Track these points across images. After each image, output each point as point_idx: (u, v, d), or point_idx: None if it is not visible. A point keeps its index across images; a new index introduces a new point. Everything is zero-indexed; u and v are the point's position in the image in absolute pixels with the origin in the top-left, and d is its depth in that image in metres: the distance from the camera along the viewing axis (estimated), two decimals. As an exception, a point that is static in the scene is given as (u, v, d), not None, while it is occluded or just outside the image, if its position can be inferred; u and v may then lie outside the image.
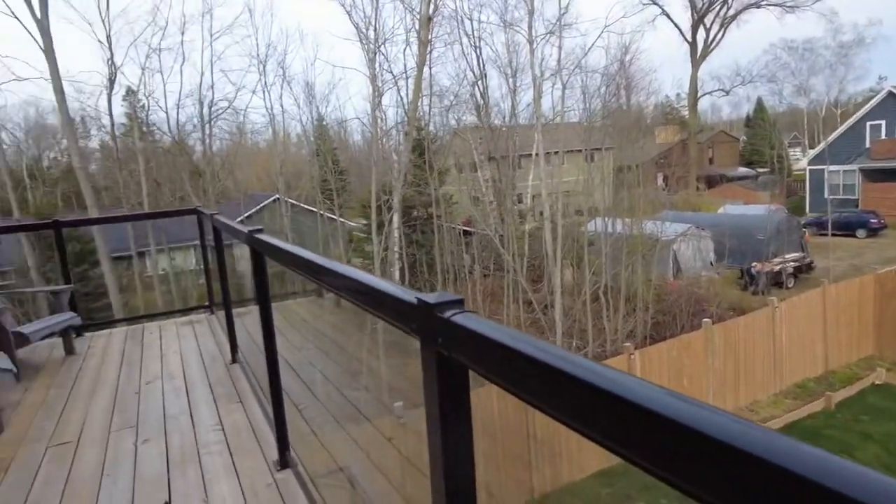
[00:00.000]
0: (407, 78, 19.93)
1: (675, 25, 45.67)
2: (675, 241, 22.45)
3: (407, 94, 19.74)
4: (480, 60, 20.56)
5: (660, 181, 39.12)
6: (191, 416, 3.47)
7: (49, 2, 14.65)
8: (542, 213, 22.68)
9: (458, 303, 0.91)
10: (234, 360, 4.36)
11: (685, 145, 45.56)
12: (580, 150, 23.93)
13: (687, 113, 50.01)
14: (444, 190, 23.99)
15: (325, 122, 24.85)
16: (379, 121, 18.95)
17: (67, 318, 4.83)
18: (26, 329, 4.43)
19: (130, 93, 22.66)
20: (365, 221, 27.37)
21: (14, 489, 2.72)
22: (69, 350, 4.92)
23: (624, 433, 0.59)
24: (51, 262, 17.88)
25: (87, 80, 25.24)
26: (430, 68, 20.77)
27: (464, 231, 24.36)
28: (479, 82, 20.88)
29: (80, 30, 34.98)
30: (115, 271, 18.25)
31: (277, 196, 27.90)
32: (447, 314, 0.88)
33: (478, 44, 20.41)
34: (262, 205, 25.19)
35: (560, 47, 20.28)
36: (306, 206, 23.77)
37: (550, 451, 10.42)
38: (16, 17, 14.22)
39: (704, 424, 0.49)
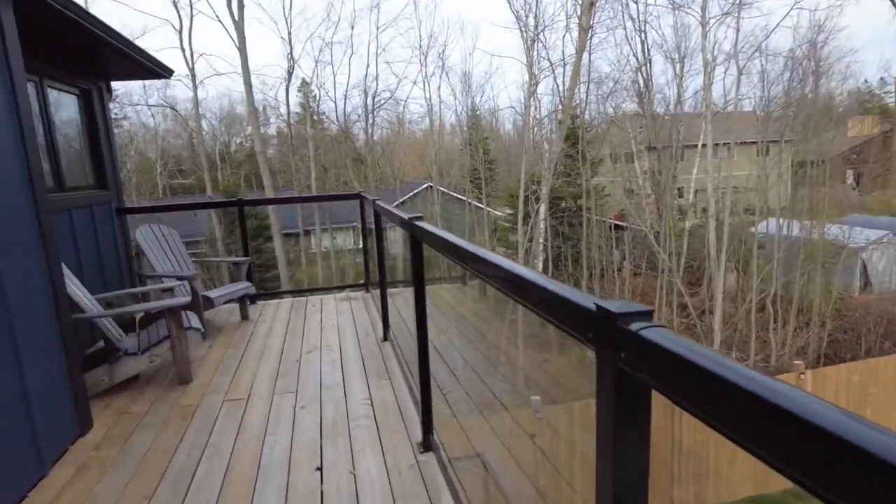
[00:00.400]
0: (564, 65, 19.46)
1: (885, -2, 39.13)
2: (866, 249, 19.47)
3: (563, 82, 19.26)
4: (645, 45, 19.38)
5: (849, 179, 34.28)
6: (344, 388, 3.67)
7: (245, 4, 16.49)
8: (705, 210, 20.96)
9: (647, 314, 0.81)
10: (385, 339, 4.55)
11: (886, 139, 39.15)
12: (754, 142, 21.60)
13: (894, 100, 42.89)
14: (596, 181, 23.11)
15: (478, 112, 25.18)
16: (532, 109, 18.70)
17: (244, 286, 5.38)
18: (212, 294, 5.01)
19: (304, 84, 24.78)
20: (510, 211, 27.41)
21: (198, 434, 3.09)
22: (244, 315, 5.49)
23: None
24: (232, 236, 20.28)
25: (270, 73, 28.05)
26: (590, 55, 20.04)
27: (615, 225, 23.35)
28: (643, 68, 19.70)
29: (267, 28, 39.09)
30: (285, 246, 20.18)
31: (430, 184, 28.95)
32: (634, 327, 0.78)
33: (643, 28, 19.24)
34: (415, 191, 26.24)
35: (737, 29, 18.39)
36: (455, 195, 24.32)
37: (697, 465, 9.65)
38: (219, 21, 16.30)
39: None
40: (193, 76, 15.94)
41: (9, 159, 3.09)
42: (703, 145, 19.73)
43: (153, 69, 5.76)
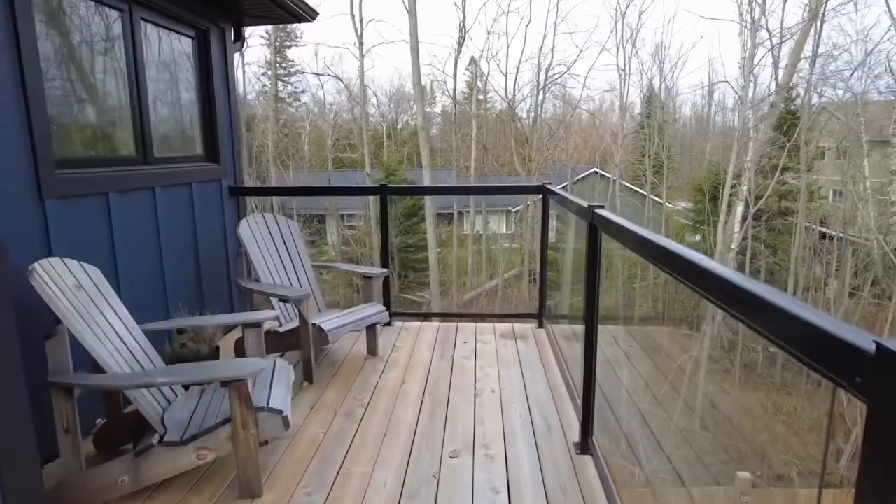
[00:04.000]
0: (783, 39, 15.54)
1: None
2: None
3: (778, 56, 15.46)
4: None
5: None
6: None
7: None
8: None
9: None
10: (583, 449, 2.66)
11: None
12: None
13: None
14: (813, 178, 18.81)
15: (657, 89, 21.72)
16: (746, 88, 15.29)
17: (375, 312, 3.80)
18: (329, 322, 3.48)
19: (473, 62, 23.33)
20: (684, 205, 23.74)
21: None
22: (371, 350, 3.94)
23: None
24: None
25: (439, 43, 26.96)
26: (821, 23, 15.85)
27: (823, 234, 19.00)
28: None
29: (439, -6, 38.09)
30: (437, 228, 19.07)
31: (595, 169, 26.20)
32: None
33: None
34: (581, 176, 23.75)
35: None
36: (630, 186, 21.42)
37: None
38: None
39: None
40: (361, 44, 15.13)
41: None
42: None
43: (294, 9, 4.37)
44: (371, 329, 3.89)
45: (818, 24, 15.36)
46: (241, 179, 4.65)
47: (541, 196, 4.48)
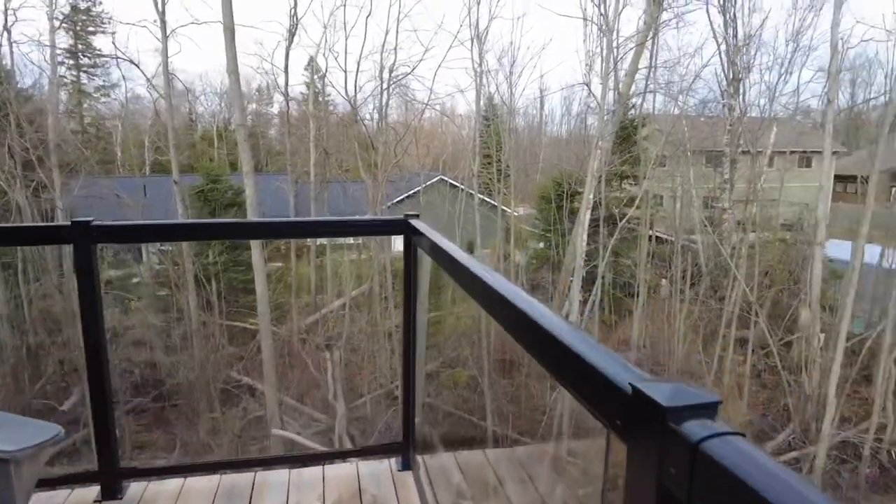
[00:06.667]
0: (619, 54, 15.65)
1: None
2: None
3: (615, 66, 15.58)
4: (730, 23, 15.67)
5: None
6: None
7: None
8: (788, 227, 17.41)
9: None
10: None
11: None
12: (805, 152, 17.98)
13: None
14: (648, 187, 19.53)
15: (504, 94, 21.34)
16: (590, 96, 15.09)
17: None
18: None
19: (311, 60, 21.26)
20: (530, 211, 23.85)
21: None
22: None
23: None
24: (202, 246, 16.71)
25: (265, 28, 24.29)
26: (654, 36, 16.18)
27: (657, 238, 19.92)
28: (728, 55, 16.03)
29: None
30: (266, 244, 16.63)
31: (442, 176, 25.45)
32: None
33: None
34: (428, 183, 22.74)
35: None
36: (477, 195, 20.70)
37: None
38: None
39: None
40: (164, 23, 12.37)
41: None
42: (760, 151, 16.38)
43: None
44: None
45: (655, 36, 15.70)
46: None
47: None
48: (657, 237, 20.36)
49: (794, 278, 16.93)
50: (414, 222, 1.96)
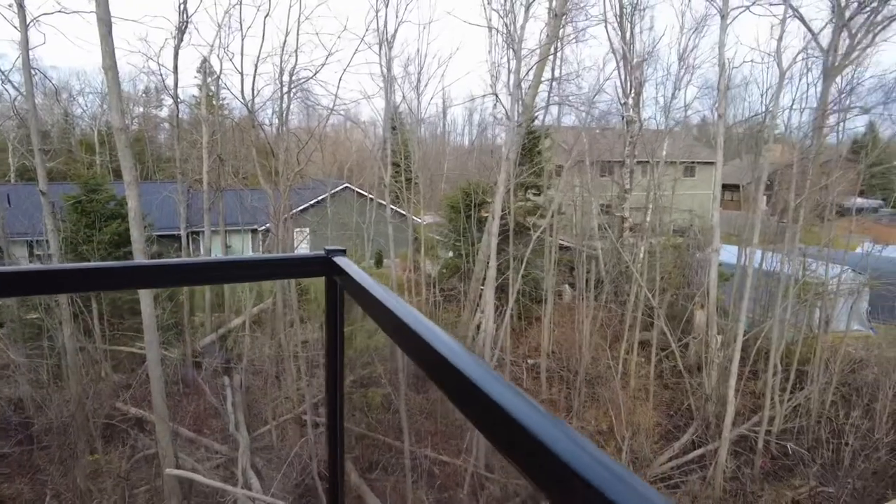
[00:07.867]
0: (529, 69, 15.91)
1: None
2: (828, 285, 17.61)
3: (517, 76, 15.78)
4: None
5: (763, 206, 33.95)
6: None
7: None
8: (681, 233, 18.40)
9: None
10: None
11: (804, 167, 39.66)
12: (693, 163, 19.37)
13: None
14: (551, 195, 20.00)
15: (401, 107, 21.06)
16: (496, 106, 15.09)
17: None
18: None
19: (205, 61, 19.84)
20: (437, 219, 23.77)
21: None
22: None
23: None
24: (86, 239, 14.92)
25: (149, 22, 22.42)
26: (559, 49, 16.60)
27: (560, 246, 20.44)
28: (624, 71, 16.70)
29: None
30: (157, 259, 15.14)
31: (347, 185, 24.78)
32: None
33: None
34: (334, 190, 21.92)
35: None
36: (386, 203, 20.20)
37: None
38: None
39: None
40: (22, 9, 10.80)
41: None
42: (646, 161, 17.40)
43: None
44: None
45: (559, 51, 16.04)
46: None
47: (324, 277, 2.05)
48: (560, 245, 20.87)
49: (688, 281, 17.97)
50: (338, 260, 1.68)
